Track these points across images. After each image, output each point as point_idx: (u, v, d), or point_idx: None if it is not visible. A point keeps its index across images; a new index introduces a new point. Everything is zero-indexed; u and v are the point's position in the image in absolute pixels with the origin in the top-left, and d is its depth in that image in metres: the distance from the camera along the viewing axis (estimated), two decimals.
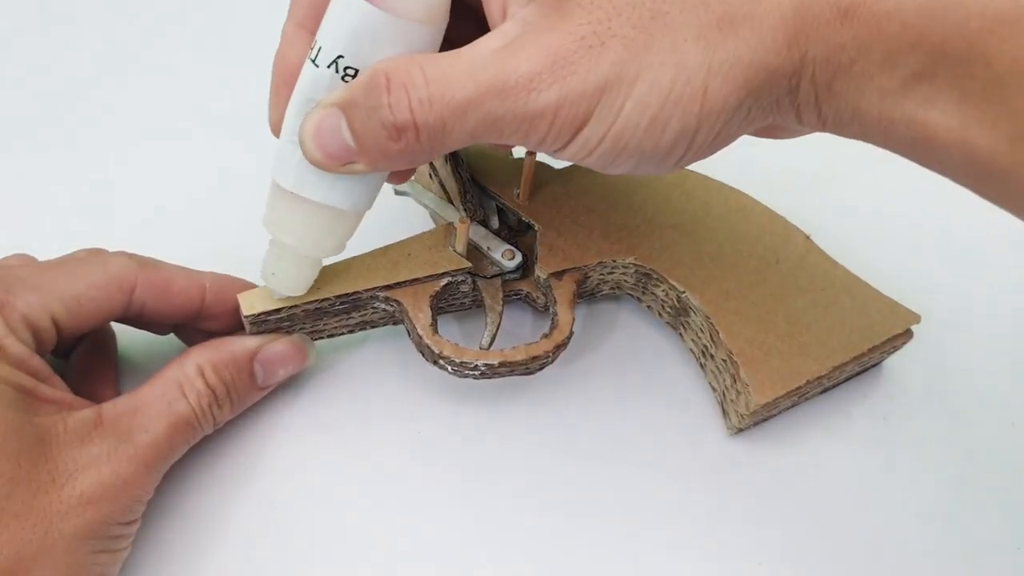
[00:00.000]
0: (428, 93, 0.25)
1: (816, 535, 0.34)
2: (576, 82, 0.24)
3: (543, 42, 0.24)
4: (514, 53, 0.24)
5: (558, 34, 0.24)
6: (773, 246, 0.37)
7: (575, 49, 0.24)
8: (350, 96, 0.26)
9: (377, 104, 0.25)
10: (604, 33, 0.24)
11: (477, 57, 0.25)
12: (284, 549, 0.33)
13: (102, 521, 0.28)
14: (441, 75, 0.25)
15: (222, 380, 0.33)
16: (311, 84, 0.28)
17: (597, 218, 0.37)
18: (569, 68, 0.24)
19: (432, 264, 0.35)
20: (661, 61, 0.24)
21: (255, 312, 0.33)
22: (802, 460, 0.36)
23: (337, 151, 0.27)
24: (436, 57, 0.25)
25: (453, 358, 0.34)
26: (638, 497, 0.35)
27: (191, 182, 0.43)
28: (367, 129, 0.26)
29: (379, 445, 0.36)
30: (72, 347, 0.35)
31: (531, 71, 0.24)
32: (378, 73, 0.25)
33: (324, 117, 0.27)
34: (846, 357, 0.34)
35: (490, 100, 0.25)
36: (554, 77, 0.24)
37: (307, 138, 0.27)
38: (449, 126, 0.25)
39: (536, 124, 0.25)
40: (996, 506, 0.35)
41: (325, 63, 0.27)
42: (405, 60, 0.25)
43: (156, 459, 0.30)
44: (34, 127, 0.46)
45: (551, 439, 0.36)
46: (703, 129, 0.25)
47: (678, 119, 0.24)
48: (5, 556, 0.26)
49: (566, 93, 0.24)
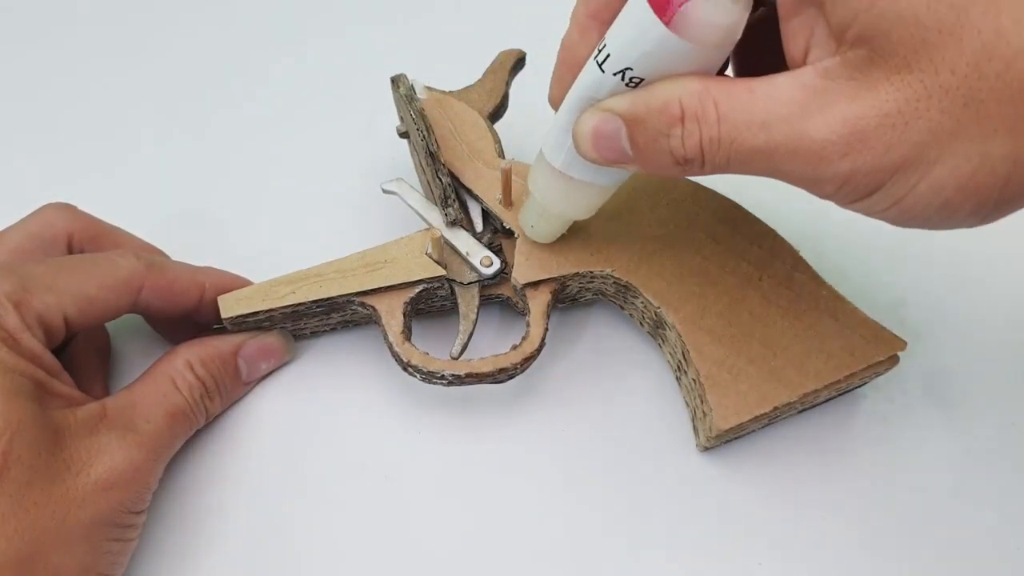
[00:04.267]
0: (719, 133, 0.25)
1: (816, 535, 0.34)
2: (871, 158, 0.24)
3: (844, 111, 0.23)
4: (811, 115, 0.24)
5: (861, 105, 0.23)
6: (759, 261, 0.36)
7: (876, 125, 0.23)
8: (635, 112, 0.27)
9: (667, 132, 0.26)
10: (910, 113, 0.23)
11: (773, 105, 0.24)
12: (276, 546, 0.35)
13: (116, 508, 0.30)
14: (734, 115, 0.25)
15: (210, 373, 0.35)
16: (594, 85, 0.28)
17: (579, 225, 0.37)
18: (866, 143, 0.23)
19: (408, 271, 0.36)
20: (966, 150, 0.23)
21: (233, 315, 0.35)
22: (801, 460, 0.36)
23: (613, 155, 0.28)
24: (730, 90, 0.25)
25: (421, 367, 0.34)
26: (629, 500, 0.35)
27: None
28: (652, 149, 0.27)
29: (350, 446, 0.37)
30: (67, 342, 0.37)
31: (826, 139, 0.24)
32: (672, 102, 0.26)
33: (604, 121, 0.28)
34: (819, 384, 0.34)
35: (779, 156, 0.25)
36: (848, 148, 0.24)
37: (583, 136, 0.28)
38: (733, 166, 0.26)
39: (821, 186, 0.25)
40: (996, 506, 0.35)
41: (611, 71, 0.27)
42: (699, 90, 0.25)
43: (160, 447, 0.33)
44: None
45: (535, 444, 0.37)
46: (997, 213, 0.24)
47: (973, 204, 0.24)
48: (26, 542, 0.28)
49: (859, 167, 0.24)
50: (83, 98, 0.48)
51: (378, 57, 0.47)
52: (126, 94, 0.48)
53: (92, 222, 0.36)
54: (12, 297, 0.30)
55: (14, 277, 0.31)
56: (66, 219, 0.35)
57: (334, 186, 0.44)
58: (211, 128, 0.47)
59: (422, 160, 0.37)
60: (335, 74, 0.48)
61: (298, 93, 0.48)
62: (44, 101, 0.48)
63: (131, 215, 0.39)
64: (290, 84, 0.48)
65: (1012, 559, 0.34)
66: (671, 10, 0.24)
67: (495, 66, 0.40)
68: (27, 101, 0.48)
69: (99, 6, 0.52)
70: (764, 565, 0.34)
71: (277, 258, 0.38)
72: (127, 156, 0.45)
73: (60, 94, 0.48)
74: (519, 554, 0.34)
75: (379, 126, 0.44)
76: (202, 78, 0.49)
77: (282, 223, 0.43)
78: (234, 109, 0.47)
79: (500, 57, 0.40)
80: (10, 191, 0.42)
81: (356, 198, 0.43)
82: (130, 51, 0.50)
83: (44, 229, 0.35)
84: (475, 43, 0.41)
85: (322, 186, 0.44)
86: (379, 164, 0.44)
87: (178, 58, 0.50)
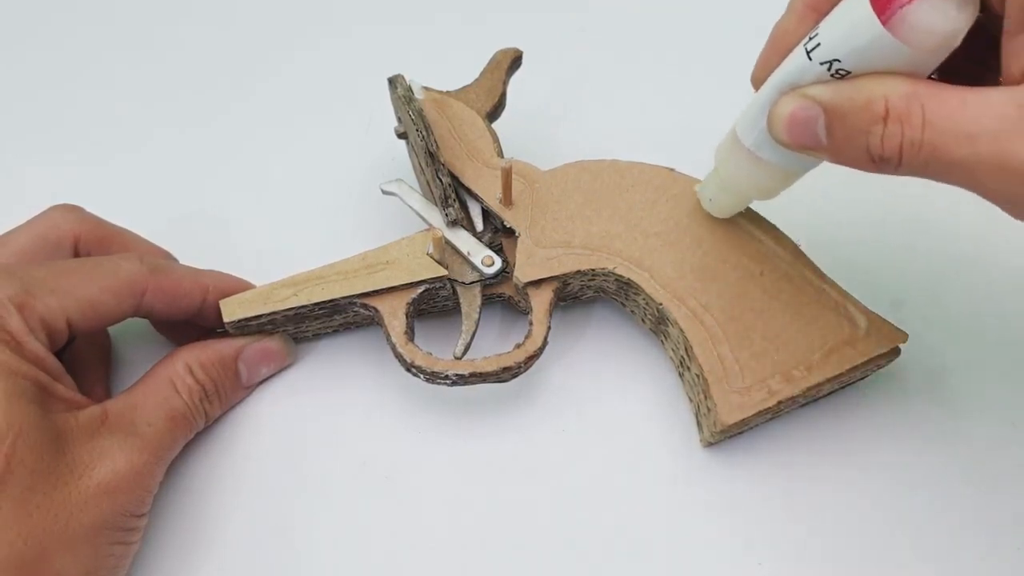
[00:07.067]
0: (922, 138, 0.25)
1: (815, 535, 0.34)
2: None
3: None
4: (1021, 134, 0.24)
5: None
6: (759, 256, 0.36)
7: None
8: (837, 103, 0.27)
9: (868, 129, 0.26)
10: None
11: (984, 119, 0.24)
12: (279, 547, 0.35)
13: (118, 512, 0.30)
14: (941, 122, 0.25)
15: (210, 376, 0.35)
16: (798, 72, 0.28)
17: (580, 224, 0.37)
18: None
19: (410, 271, 0.36)
20: None
21: (235, 318, 0.35)
22: (801, 460, 0.36)
23: (806, 141, 0.28)
24: (939, 95, 0.25)
25: (425, 367, 0.34)
26: (632, 497, 0.35)
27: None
28: (848, 143, 0.27)
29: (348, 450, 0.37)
30: (67, 345, 0.37)
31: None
32: (877, 100, 0.25)
33: (802, 108, 0.27)
34: (822, 378, 0.34)
35: (981, 172, 0.24)
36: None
37: (779, 120, 0.28)
38: (929, 172, 0.25)
39: (1011, 202, 0.25)
40: (996, 506, 0.35)
41: (819, 60, 0.27)
42: (908, 92, 0.25)
43: (161, 450, 0.32)
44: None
45: (536, 443, 0.37)
46: None
47: None
48: (28, 546, 0.28)
49: None
50: (87, 98, 0.48)
51: (377, 58, 0.47)
52: (126, 94, 0.48)
53: (99, 224, 0.36)
54: (15, 300, 0.30)
55: (17, 280, 0.31)
56: (72, 221, 0.35)
57: (334, 187, 0.44)
58: (210, 130, 0.46)
59: (421, 160, 0.37)
60: (335, 75, 0.48)
61: (297, 94, 0.48)
62: (44, 101, 0.48)
63: (131, 215, 0.38)
64: (289, 85, 0.48)
65: (1012, 559, 0.34)
66: (891, 10, 0.24)
67: (492, 65, 0.40)
68: (28, 101, 0.48)
69: (102, 7, 0.52)
70: (764, 565, 0.34)
71: (277, 259, 0.38)
72: (127, 157, 0.45)
73: (62, 94, 0.48)
74: (521, 553, 0.34)
75: (379, 127, 0.44)
76: (201, 79, 0.49)
77: (282, 224, 0.42)
78: (234, 110, 0.47)
79: (497, 56, 0.40)
80: (14, 192, 0.42)
81: (356, 199, 0.43)
82: (130, 52, 0.50)
83: (50, 231, 0.35)
84: (473, 43, 0.41)
85: (322, 187, 0.44)
86: (379, 164, 0.44)
87: (178, 59, 0.49)
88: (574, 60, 0.48)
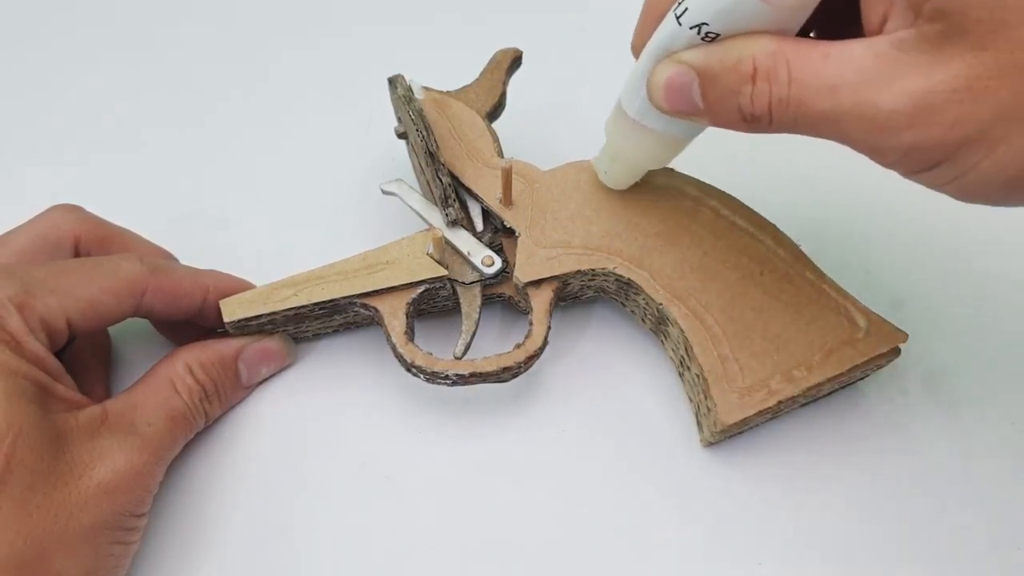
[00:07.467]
0: (789, 94, 0.25)
1: (815, 535, 0.35)
2: (936, 132, 0.24)
3: (914, 83, 0.24)
4: (881, 85, 0.24)
5: (931, 78, 0.24)
6: (759, 256, 0.36)
7: (945, 100, 0.24)
8: (709, 66, 0.27)
9: (738, 89, 0.26)
10: (980, 89, 0.23)
11: (844, 71, 0.25)
12: (279, 547, 0.35)
13: (118, 512, 0.30)
14: (805, 78, 0.25)
15: (210, 377, 0.35)
16: (671, 38, 0.28)
17: (580, 224, 0.37)
18: (932, 117, 0.24)
19: (410, 271, 0.36)
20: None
21: (235, 318, 0.35)
22: (801, 460, 0.36)
23: (684, 107, 0.29)
24: (803, 51, 0.25)
25: (425, 367, 0.34)
26: (632, 497, 0.35)
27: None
28: (721, 104, 0.27)
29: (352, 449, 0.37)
30: (67, 345, 0.37)
31: (893, 109, 0.24)
32: (745, 59, 0.26)
33: (677, 74, 0.28)
34: (822, 378, 0.34)
35: (845, 122, 0.25)
36: (914, 120, 0.24)
37: (656, 87, 0.29)
38: (799, 127, 0.26)
39: (884, 155, 0.25)
40: (995, 506, 0.35)
41: (688, 24, 0.27)
42: (773, 50, 0.26)
43: (161, 449, 0.32)
44: None
45: (536, 443, 0.37)
46: None
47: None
48: (28, 546, 0.28)
49: (923, 139, 0.24)
50: (87, 98, 0.48)
51: (377, 58, 0.47)
52: (127, 94, 0.48)
53: (99, 224, 0.36)
54: (15, 300, 0.30)
55: (17, 280, 0.31)
56: (73, 221, 0.35)
57: (334, 187, 0.44)
58: (210, 130, 0.46)
59: (421, 160, 0.37)
60: (335, 75, 0.48)
61: (297, 94, 0.48)
62: (44, 101, 0.48)
63: (131, 215, 0.38)
64: (290, 85, 0.48)
65: (1012, 559, 0.34)
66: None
67: (492, 65, 0.40)
68: (28, 101, 0.48)
69: (102, 7, 0.52)
70: (764, 565, 0.34)
71: (277, 259, 0.38)
72: (127, 157, 0.45)
73: (62, 94, 0.48)
74: (521, 553, 0.34)
75: (379, 127, 0.44)
76: (201, 79, 0.49)
77: (282, 224, 0.42)
78: (233, 110, 0.47)
79: (497, 56, 0.40)
80: (14, 192, 0.42)
81: (356, 199, 0.43)
82: (130, 52, 0.50)
83: (50, 231, 0.35)
84: (473, 43, 0.41)
85: (322, 187, 0.44)
86: (379, 164, 0.44)
87: (178, 59, 0.49)
88: (574, 60, 0.48)
